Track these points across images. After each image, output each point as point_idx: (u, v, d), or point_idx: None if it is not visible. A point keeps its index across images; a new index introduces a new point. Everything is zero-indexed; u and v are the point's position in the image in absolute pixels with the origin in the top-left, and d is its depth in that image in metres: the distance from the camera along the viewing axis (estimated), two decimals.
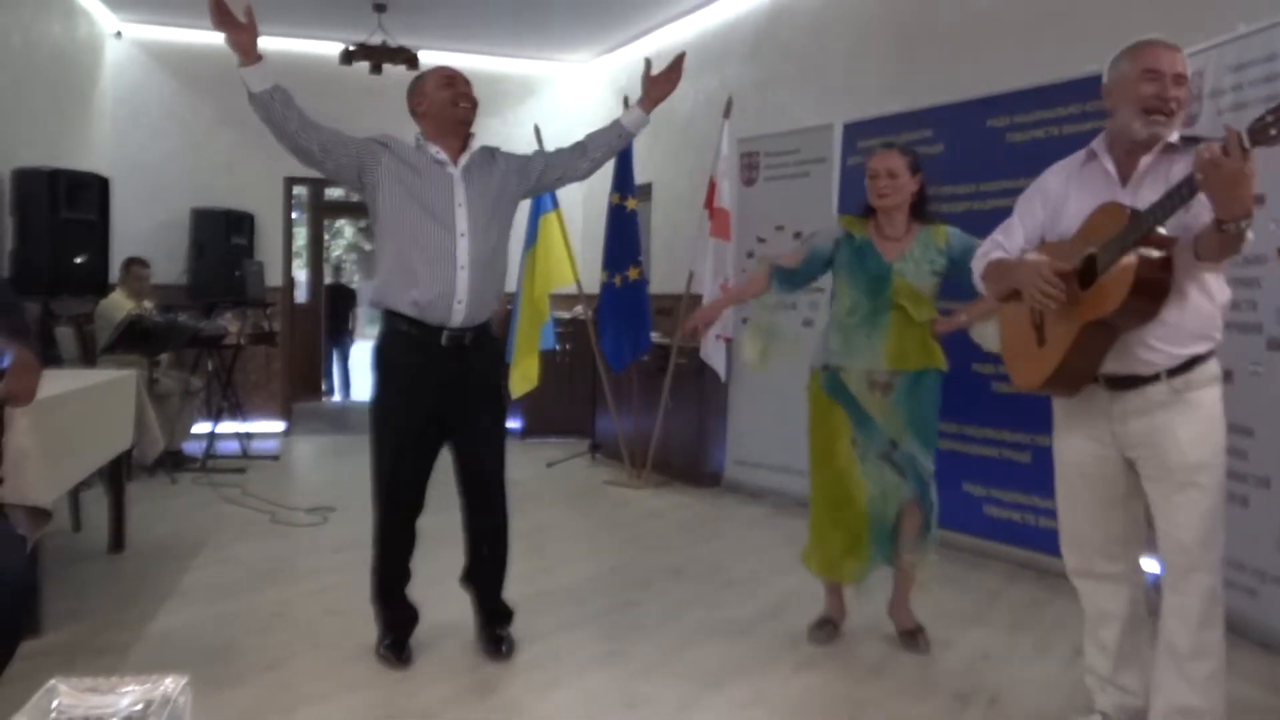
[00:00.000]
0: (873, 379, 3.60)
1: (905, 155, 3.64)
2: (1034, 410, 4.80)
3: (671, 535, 5.65)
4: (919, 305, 3.59)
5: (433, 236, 3.43)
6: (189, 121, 9.16)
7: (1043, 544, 4.79)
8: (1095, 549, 2.81)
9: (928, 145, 5.48)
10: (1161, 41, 2.63)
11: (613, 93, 9.40)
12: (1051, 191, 2.86)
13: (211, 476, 6.94)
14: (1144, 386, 2.60)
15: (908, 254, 3.61)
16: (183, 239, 8.84)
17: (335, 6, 8.21)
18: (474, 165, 3.57)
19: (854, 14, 6.76)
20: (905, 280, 3.58)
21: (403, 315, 3.48)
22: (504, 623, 3.77)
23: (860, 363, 3.60)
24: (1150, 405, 2.60)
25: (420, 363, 3.50)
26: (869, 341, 3.60)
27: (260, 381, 9.37)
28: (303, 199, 13.83)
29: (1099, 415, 2.71)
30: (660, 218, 8.87)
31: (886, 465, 3.61)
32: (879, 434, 3.61)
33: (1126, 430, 2.65)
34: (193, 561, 4.86)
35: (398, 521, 3.67)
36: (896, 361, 3.58)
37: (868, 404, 3.60)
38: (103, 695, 1.39)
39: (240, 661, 3.58)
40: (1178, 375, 2.57)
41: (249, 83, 3.37)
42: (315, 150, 3.45)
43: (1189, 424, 2.57)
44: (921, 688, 3.43)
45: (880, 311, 3.60)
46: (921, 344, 3.61)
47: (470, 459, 3.66)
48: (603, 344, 7.09)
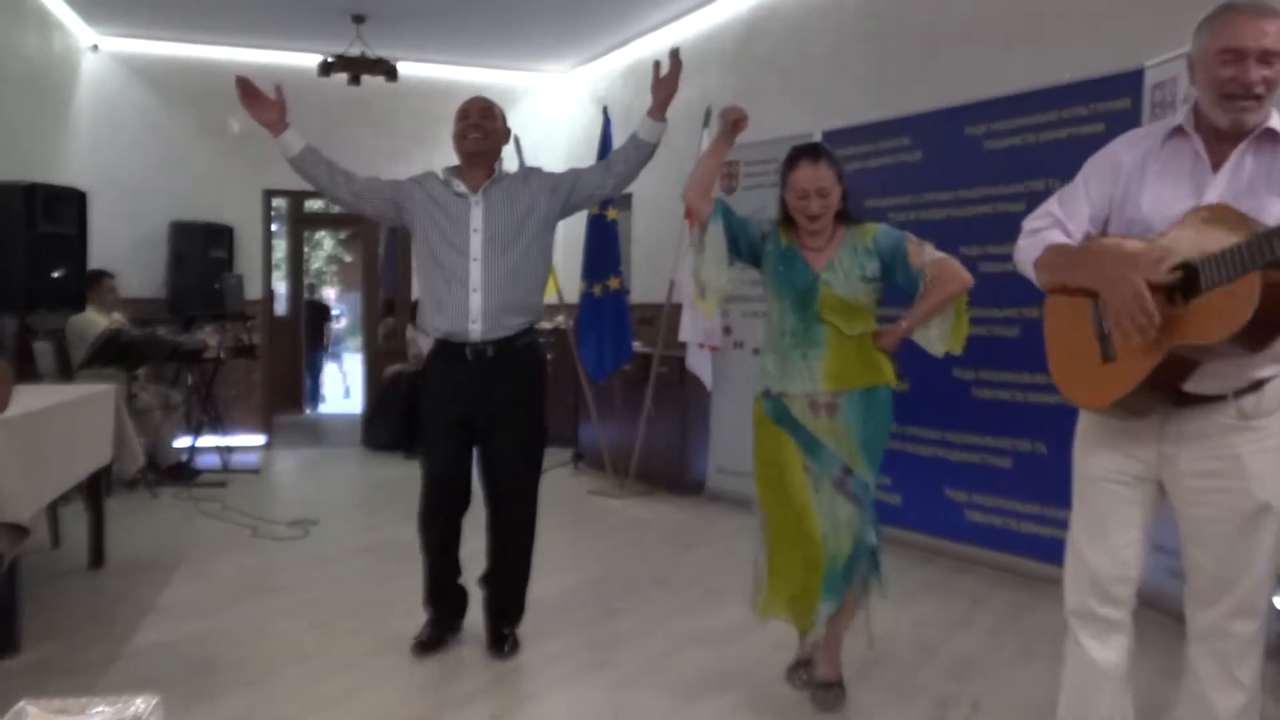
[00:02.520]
0: (814, 402, 3.21)
1: (833, 165, 3.23)
2: (1014, 415, 4.85)
3: (655, 545, 5.64)
4: (851, 319, 3.20)
5: (451, 263, 3.70)
6: (167, 134, 9.11)
7: (1024, 549, 4.81)
8: (1101, 586, 2.42)
9: (906, 153, 5.51)
10: (1247, 9, 2.18)
11: (592, 102, 9.41)
12: (1125, 165, 2.38)
13: (192, 491, 6.89)
14: (1209, 406, 2.25)
15: (834, 262, 3.22)
16: (161, 252, 8.79)
17: (314, 18, 8.19)
18: (498, 191, 3.76)
19: (832, 24, 6.79)
20: (833, 292, 3.19)
21: (437, 337, 3.80)
22: (512, 621, 3.87)
23: (799, 386, 3.22)
24: (1212, 429, 2.26)
25: (451, 373, 3.76)
26: (805, 364, 3.21)
27: (240, 395, 9.32)
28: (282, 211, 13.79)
29: (1147, 434, 2.33)
30: (641, 227, 8.87)
31: (839, 496, 3.19)
32: (831, 460, 3.20)
33: (1180, 454, 2.29)
34: (173, 577, 4.82)
35: (437, 511, 3.82)
36: (837, 382, 3.19)
37: (815, 428, 3.21)
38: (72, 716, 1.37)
39: (221, 677, 3.55)
40: (1246, 395, 2.23)
41: (283, 150, 3.70)
42: (350, 198, 3.81)
43: (1257, 456, 2.23)
44: (904, 694, 3.43)
45: (811, 327, 3.21)
46: (864, 359, 3.22)
47: (495, 464, 3.80)
48: (582, 354, 7.08)
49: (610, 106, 7.29)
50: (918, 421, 5.32)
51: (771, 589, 3.32)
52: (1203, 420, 2.27)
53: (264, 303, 9.54)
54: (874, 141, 5.68)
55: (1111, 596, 2.43)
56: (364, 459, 8.83)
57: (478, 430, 3.77)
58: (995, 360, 4.93)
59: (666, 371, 6.91)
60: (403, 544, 5.28)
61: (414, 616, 3.91)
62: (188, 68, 9.12)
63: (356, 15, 8.17)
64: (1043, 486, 4.72)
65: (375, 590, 4.64)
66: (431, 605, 3.89)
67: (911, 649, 3.86)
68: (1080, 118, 4.62)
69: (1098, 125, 4.52)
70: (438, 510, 3.82)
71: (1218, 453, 2.26)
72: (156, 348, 7.18)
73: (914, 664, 3.71)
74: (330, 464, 8.62)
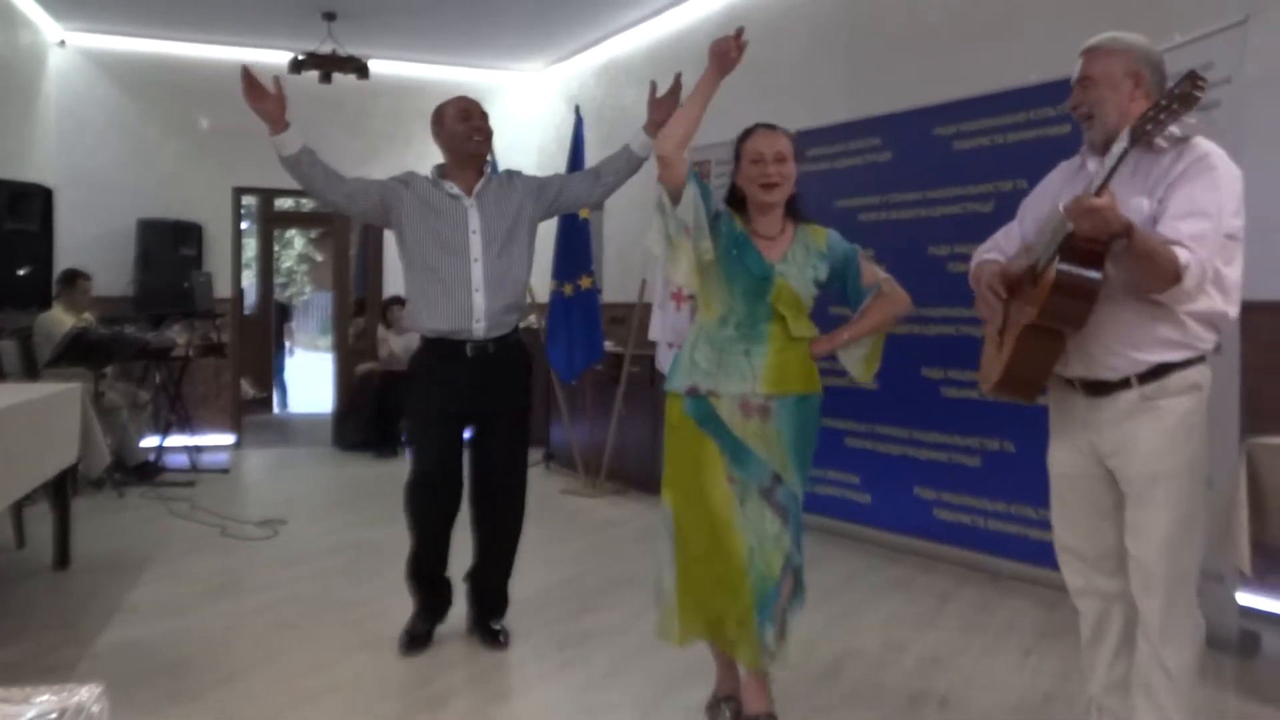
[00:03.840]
0: (746, 404, 2.95)
1: (791, 139, 3.04)
2: (982, 414, 4.89)
3: (626, 543, 5.65)
4: (800, 318, 3.01)
5: (448, 265, 3.70)
6: (135, 131, 9.04)
7: (993, 547, 4.86)
8: (1091, 564, 2.66)
9: (876, 153, 5.54)
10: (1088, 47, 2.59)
11: (565, 101, 9.41)
12: (1051, 188, 2.72)
13: (160, 490, 6.84)
14: (1116, 393, 2.49)
15: (789, 255, 3.00)
16: (129, 250, 8.72)
17: (284, 15, 8.15)
18: (489, 192, 3.80)
19: (805, 24, 6.82)
20: (788, 285, 2.97)
21: (430, 336, 3.77)
22: (499, 614, 3.92)
23: (734, 386, 2.95)
24: (1120, 414, 2.49)
25: (449, 369, 3.75)
26: (747, 360, 2.96)
27: (209, 394, 9.26)
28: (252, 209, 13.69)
29: (1078, 424, 2.60)
30: (613, 226, 8.88)
31: (767, 508, 2.93)
32: (759, 468, 2.95)
33: (1101, 439, 2.54)
34: (140, 577, 4.78)
35: (434, 503, 3.80)
36: (777, 385, 2.96)
37: (744, 433, 2.95)
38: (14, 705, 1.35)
39: (191, 678, 3.53)
40: (1149, 382, 2.46)
41: (279, 148, 3.61)
42: (341, 201, 3.76)
43: (1153, 435, 2.45)
44: (873, 691, 3.46)
45: (758, 322, 2.98)
46: (803, 364, 3.02)
47: (490, 458, 3.84)
48: (551, 354, 7.04)
49: (582, 105, 7.29)
50: (886, 420, 5.36)
51: (682, 612, 3.00)
52: (1111, 407, 2.50)
53: (234, 301, 9.48)
54: (844, 141, 5.71)
55: (1102, 569, 2.63)
56: (334, 459, 8.79)
57: (474, 425, 3.82)
58: (963, 360, 4.97)
59: (638, 371, 6.92)
60: (372, 544, 5.29)
61: (386, 616, 3.90)
62: (156, 64, 9.05)
63: (327, 12, 8.13)
64: (1011, 485, 4.76)
65: (346, 590, 4.62)
66: (421, 597, 3.89)
67: (880, 646, 3.89)
68: (1048, 119, 4.66)
69: (1064, 126, 4.56)
70: (434, 502, 3.80)
71: (1125, 433, 2.48)
72: (124, 346, 7.12)
73: (883, 661, 3.74)
74: (300, 463, 8.57)
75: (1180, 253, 2.26)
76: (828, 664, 3.69)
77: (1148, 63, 2.52)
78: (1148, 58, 2.53)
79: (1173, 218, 2.33)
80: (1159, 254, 2.25)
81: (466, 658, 3.77)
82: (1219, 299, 2.44)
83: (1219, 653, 3.72)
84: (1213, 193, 2.34)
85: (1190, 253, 2.26)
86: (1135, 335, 2.44)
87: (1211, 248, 2.32)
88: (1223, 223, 2.36)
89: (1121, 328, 2.45)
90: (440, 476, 3.78)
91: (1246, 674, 3.63)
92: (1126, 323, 2.44)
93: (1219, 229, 2.34)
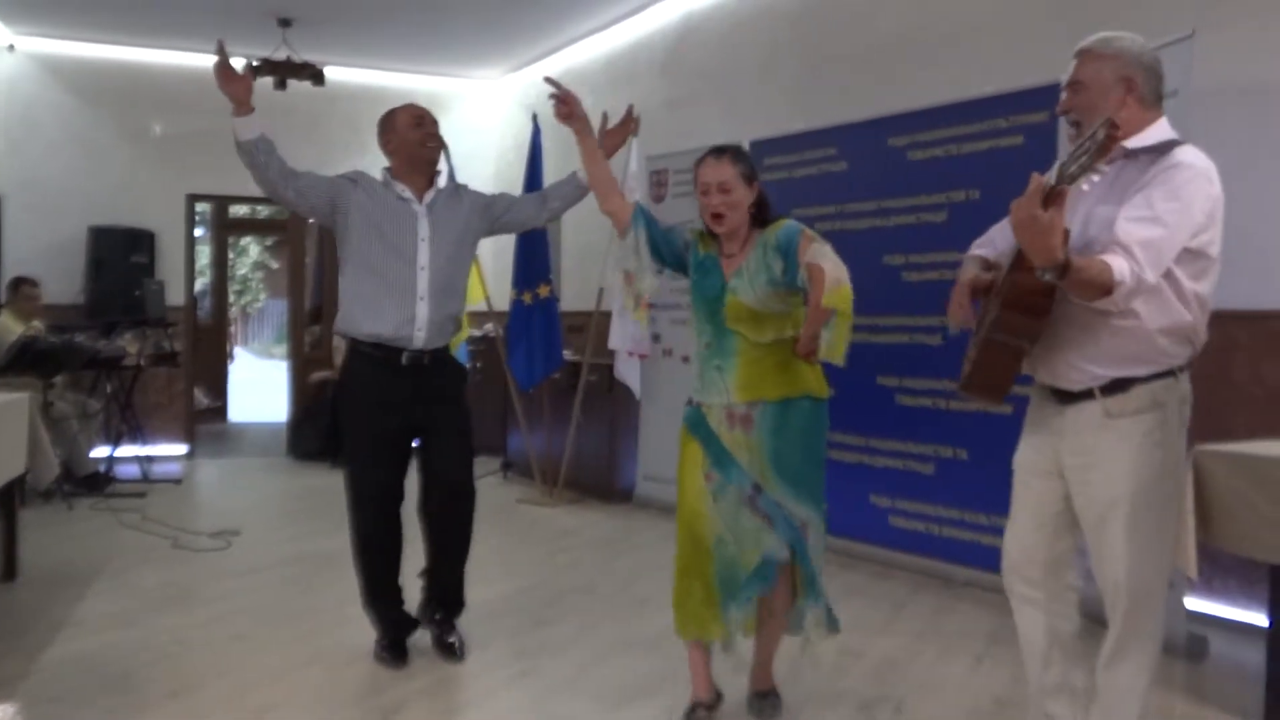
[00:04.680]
0: (731, 414, 3.09)
1: (738, 162, 3.08)
2: (937, 422, 4.93)
3: (583, 552, 5.64)
4: (760, 327, 3.06)
5: (394, 270, 3.65)
6: (87, 137, 8.92)
7: (947, 554, 4.90)
8: (1015, 566, 2.71)
9: (831, 163, 5.58)
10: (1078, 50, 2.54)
11: (522, 110, 9.40)
12: None
13: (110, 501, 6.73)
14: (1080, 403, 2.49)
15: (742, 268, 3.08)
16: (80, 257, 8.62)
17: (239, 21, 8.07)
18: (439, 201, 3.78)
19: (762, 34, 6.86)
20: (737, 300, 3.06)
21: (365, 341, 3.68)
22: (455, 612, 3.91)
23: (716, 398, 3.11)
24: (1083, 425, 2.49)
25: (384, 379, 3.68)
26: (719, 375, 3.10)
27: (162, 403, 9.15)
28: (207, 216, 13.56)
29: (1046, 428, 2.60)
30: (571, 235, 8.86)
31: (746, 509, 3.06)
32: (741, 476, 3.07)
33: (1064, 445, 2.54)
34: (89, 589, 4.71)
35: (376, 522, 3.74)
36: (749, 392, 3.06)
37: (729, 443, 3.09)
38: None
39: (139, 692, 3.48)
40: (1111, 395, 2.44)
41: (238, 131, 3.53)
42: (291, 195, 3.66)
43: (1115, 457, 2.44)
44: (829, 697, 3.47)
45: (723, 338, 3.10)
46: (780, 369, 3.07)
47: (437, 465, 3.78)
48: (511, 362, 7.04)
49: (540, 114, 7.27)
50: (842, 428, 5.38)
51: (677, 604, 3.19)
52: (1075, 416, 2.51)
53: (187, 309, 9.37)
54: (800, 151, 5.75)
55: (1024, 576, 2.69)
56: (289, 468, 8.70)
57: (416, 435, 3.76)
58: (918, 368, 5.02)
59: (596, 379, 6.92)
60: (327, 554, 5.24)
61: (340, 627, 3.87)
62: (108, 69, 8.94)
63: (283, 19, 8.08)
64: (964, 492, 4.81)
65: (299, 601, 4.57)
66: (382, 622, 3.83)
67: (836, 653, 3.89)
68: (1000, 130, 4.72)
69: (1016, 138, 4.63)
70: (380, 521, 3.73)
71: (1086, 447, 2.49)
72: (73, 355, 7.01)
73: (839, 668, 3.76)
74: (254, 473, 8.48)
75: (1116, 265, 2.22)
76: (784, 670, 3.70)
77: (1141, 66, 2.47)
78: (1140, 61, 2.47)
79: (1126, 219, 2.29)
80: (1093, 281, 2.22)
81: (422, 669, 3.74)
82: (1183, 313, 2.41)
83: (1167, 657, 3.78)
84: (1173, 201, 2.30)
85: (1128, 263, 2.23)
86: (1093, 350, 2.44)
87: (1161, 255, 2.28)
88: (1180, 233, 2.31)
89: (1080, 342, 2.45)
90: (385, 532, 3.73)
91: (1194, 678, 3.68)
92: (1085, 337, 2.44)
93: (1174, 238, 2.29)
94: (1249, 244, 4.11)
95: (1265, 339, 4.10)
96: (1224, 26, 4.11)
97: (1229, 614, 4.16)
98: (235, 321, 14.91)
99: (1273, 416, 4.03)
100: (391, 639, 3.80)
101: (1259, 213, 4.11)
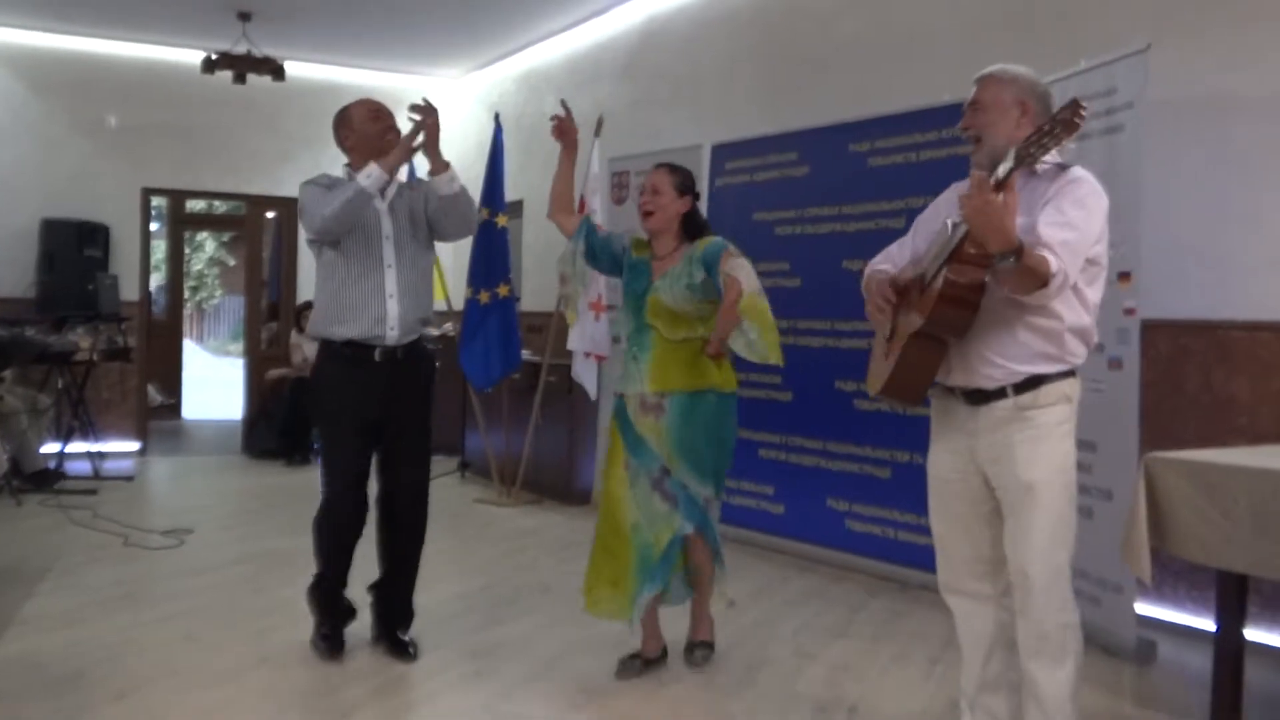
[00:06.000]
0: (644, 402, 3.52)
1: (674, 174, 3.59)
2: (894, 427, 4.96)
3: (540, 553, 5.62)
4: (674, 325, 3.51)
5: (363, 270, 3.65)
6: (40, 128, 8.76)
7: (903, 557, 4.93)
8: (962, 565, 2.80)
9: (793, 167, 5.61)
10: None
11: (484, 109, 9.37)
12: (943, 207, 2.89)
13: (60, 498, 6.62)
14: (993, 402, 2.61)
15: (670, 272, 3.53)
16: (31, 250, 8.49)
17: (198, 13, 7.97)
18: (398, 198, 3.76)
19: (724, 38, 6.88)
20: (658, 298, 3.51)
21: (338, 341, 3.68)
22: (406, 624, 3.87)
23: (632, 387, 3.56)
24: (997, 422, 2.61)
25: (357, 375, 3.69)
26: (636, 365, 3.55)
27: (114, 399, 9.02)
28: (162, 210, 13.39)
29: (959, 430, 2.71)
30: (532, 235, 8.86)
31: (655, 494, 3.50)
32: (651, 458, 3.50)
33: (979, 445, 2.66)
34: (38, 587, 4.63)
35: (346, 489, 3.72)
36: (660, 383, 3.50)
37: (642, 428, 3.51)
38: None
39: (89, 691, 3.43)
40: (1024, 392, 2.58)
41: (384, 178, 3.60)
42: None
43: (1026, 444, 2.58)
44: (784, 700, 3.49)
45: (642, 332, 3.56)
46: (690, 364, 3.51)
47: (397, 467, 3.80)
48: (463, 361, 6.94)
49: (502, 113, 7.28)
50: (800, 432, 5.42)
51: (589, 578, 3.61)
52: (988, 414, 2.63)
53: (141, 304, 9.25)
54: (761, 155, 5.77)
55: (973, 572, 2.78)
56: (244, 466, 8.61)
57: (383, 433, 3.75)
58: None
59: (555, 380, 6.90)
60: (280, 554, 5.19)
61: (291, 627, 3.83)
62: (62, 59, 8.79)
63: (242, 12, 7.98)
64: (920, 496, 4.75)
65: (251, 601, 4.52)
66: (323, 613, 3.82)
67: (791, 656, 3.92)
68: (958, 138, 4.73)
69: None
70: (347, 532, 3.75)
71: (1000, 441, 2.62)
72: (23, 349, 6.91)
73: (793, 671, 3.77)
74: (208, 471, 8.39)
75: (1050, 259, 2.38)
76: (740, 672, 3.72)
77: (1034, 94, 2.69)
78: (1034, 89, 2.69)
79: (1045, 225, 2.45)
80: (1036, 269, 2.37)
81: (374, 669, 3.71)
82: (1085, 315, 2.61)
83: (1117, 661, 3.84)
84: (1080, 210, 2.49)
85: (1057, 259, 2.39)
86: (1012, 348, 2.58)
87: (1077, 256, 2.46)
88: (1089, 237, 2.51)
89: (1000, 340, 2.58)
90: (352, 504, 3.72)
91: (1143, 682, 3.73)
92: (1004, 335, 2.58)
93: (1085, 241, 2.49)
94: (1203, 256, 4.19)
95: (1216, 349, 4.16)
96: (1180, 39, 4.16)
97: (1177, 619, 4.22)
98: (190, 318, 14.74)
99: (1223, 425, 4.10)
100: (331, 626, 3.78)
101: (1213, 225, 4.17)
